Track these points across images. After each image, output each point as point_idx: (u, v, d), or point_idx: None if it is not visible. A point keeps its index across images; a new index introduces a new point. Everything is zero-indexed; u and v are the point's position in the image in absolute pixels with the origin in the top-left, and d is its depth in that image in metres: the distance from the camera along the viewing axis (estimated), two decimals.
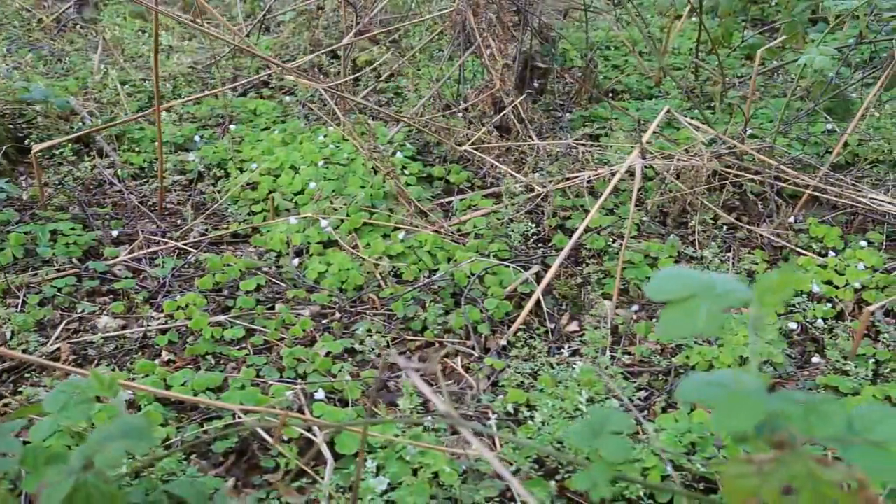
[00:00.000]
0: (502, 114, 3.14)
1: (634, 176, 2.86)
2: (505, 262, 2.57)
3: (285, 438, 1.87)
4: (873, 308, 2.23)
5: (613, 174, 2.83)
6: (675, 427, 1.87)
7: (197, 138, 3.43)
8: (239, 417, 1.84)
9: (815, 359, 2.26)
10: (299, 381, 2.09)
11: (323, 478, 1.70)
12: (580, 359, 2.18)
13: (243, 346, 2.24)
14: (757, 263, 2.70)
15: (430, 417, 1.88)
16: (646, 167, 2.94)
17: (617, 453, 1.06)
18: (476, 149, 3.07)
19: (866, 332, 2.39)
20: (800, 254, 2.71)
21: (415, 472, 1.74)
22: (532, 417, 1.91)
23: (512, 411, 1.97)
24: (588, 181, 2.93)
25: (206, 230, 2.83)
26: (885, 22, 3.37)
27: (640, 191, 2.99)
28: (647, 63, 4.36)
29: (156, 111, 2.76)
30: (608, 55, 4.60)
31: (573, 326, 2.43)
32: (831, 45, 3.72)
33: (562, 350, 2.23)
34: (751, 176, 2.89)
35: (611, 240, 2.73)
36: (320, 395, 1.99)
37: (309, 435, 1.81)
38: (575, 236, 2.56)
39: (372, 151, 2.74)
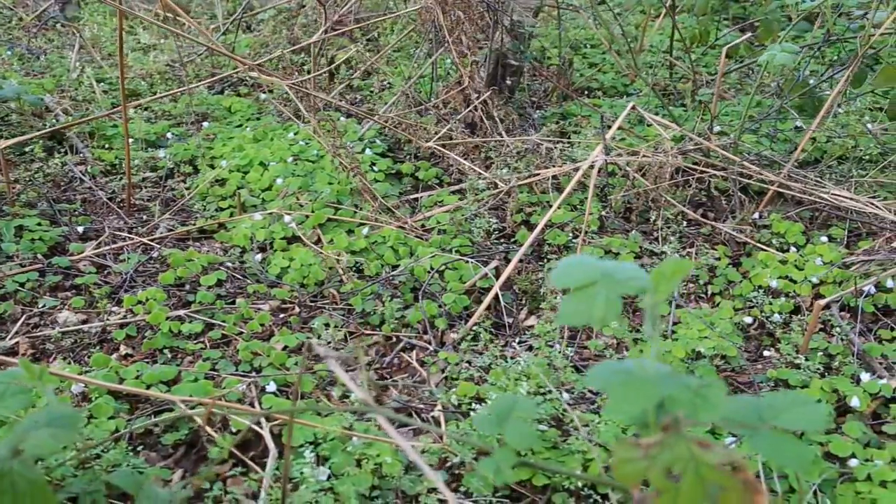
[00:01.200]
0: (467, 110, 3.16)
1: (599, 172, 2.88)
2: (466, 258, 2.59)
3: (233, 430, 1.89)
4: (824, 302, 2.24)
5: (577, 170, 2.85)
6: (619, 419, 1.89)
7: (169, 135, 3.45)
8: (186, 409, 1.86)
9: (767, 352, 2.28)
10: (254, 374, 2.11)
11: (265, 468, 1.71)
12: (533, 352, 2.20)
13: (201, 340, 2.26)
14: (718, 259, 2.72)
15: (353, 407, 1.89)
16: (612, 164, 2.96)
17: (521, 439, 1.08)
18: (443, 145, 3.08)
19: (822, 326, 2.41)
20: (761, 249, 2.72)
21: (359, 463, 1.76)
22: (476, 410, 1.93)
23: (457, 404, 1.99)
24: (554, 178, 2.95)
25: (174, 226, 2.85)
26: (853, 20, 3.39)
27: (606, 187, 3.01)
28: (624, 61, 4.37)
29: (123, 109, 2.78)
30: (587, 53, 4.62)
31: (531, 321, 2.45)
32: (802, 43, 3.74)
33: (514, 344, 2.25)
34: (714, 172, 2.90)
35: (573, 235, 2.75)
36: (272, 387, 2.00)
37: (255, 427, 1.83)
38: (535, 232, 2.58)
39: (336, 148, 2.76)
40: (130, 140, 3.34)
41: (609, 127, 2.89)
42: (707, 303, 2.57)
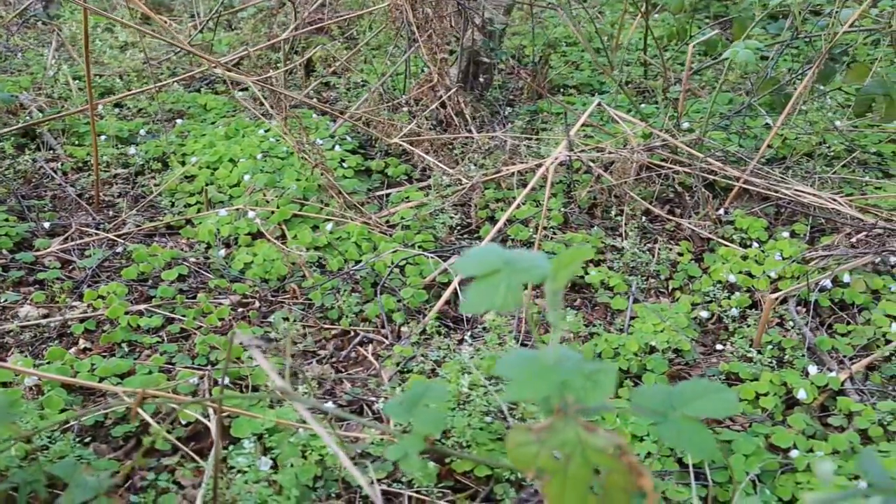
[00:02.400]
0: (433, 106, 3.18)
1: (562, 168, 2.90)
2: (427, 254, 2.61)
3: (182, 422, 1.91)
4: (774, 296, 2.26)
5: (540, 167, 2.87)
6: None
7: (142, 132, 3.47)
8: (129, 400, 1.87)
9: (720, 346, 2.30)
10: (209, 367, 2.13)
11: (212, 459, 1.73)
12: (485, 346, 2.22)
13: (160, 334, 2.28)
14: (682, 254, 2.74)
15: (271, 395, 1.91)
16: (576, 160, 2.98)
17: (430, 425, 1.10)
18: (411, 142, 3.10)
19: (779, 320, 2.43)
20: (723, 245, 2.74)
21: (304, 454, 1.78)
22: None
23: None
24: (520, 174, 2.97)
25: (141, 222, 2.87)
26: (822, 18, 3.40)
27: (572, 184, 3.03)
28: (602, 59, 4.39)
29: (90, 106, 2.79)
30: (566, 51, 4.63)
31: (490, 315, 2.47)
32: (772, 41, 3.76)
33: (467, 338, 2.27)
34: (677, 168, 2.92)
35: (535, 231, 2.77)
36: (226, 380, 2.02)
37: (202, 418, 1.85)
38: (496, 228, 2.60)
39: (300, 145, 2.78)
40: (103, 137, 3.36)
41: (572, 124, 2.90)
42: (667, 298, 2.59)
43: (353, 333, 2.34)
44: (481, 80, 3.66)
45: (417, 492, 1.74)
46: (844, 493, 0.83)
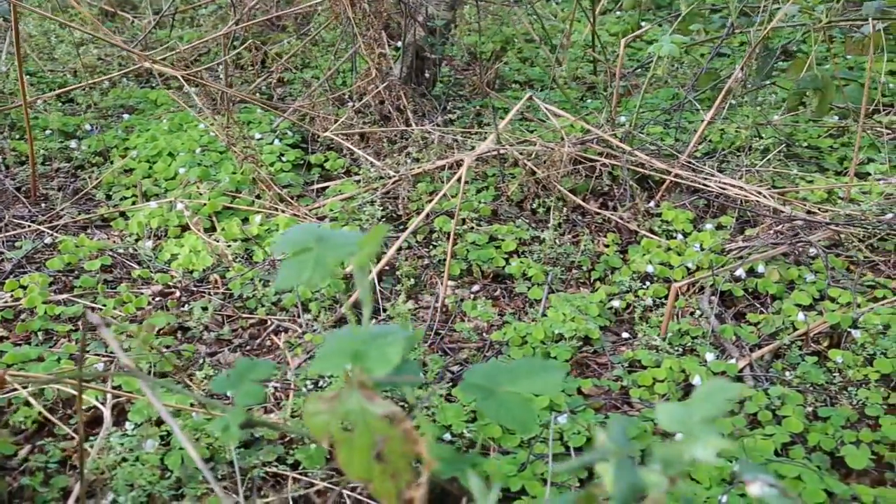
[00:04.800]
0: (366, 99, 3.21)
1: (500, 161, 2.94)
2: None
3: (84, 407, 1.94)
4: (678, 285, 2.30)
5: (475, 160, 2.91)
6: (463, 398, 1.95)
7: (88, 127, 3.50)
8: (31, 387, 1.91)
9: (626, 335, 2.34)
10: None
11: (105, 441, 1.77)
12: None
13: (78, 323, 2.32)
14: (608, 246, 2.77)
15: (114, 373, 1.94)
16: (505, 153, 3.01)
17: (249, 398, 1.13)
18: (347, 136, 3.14)
19: (694, 310, 2.46)
20: (647, 237, 2.78)
21: (197, 438, 1.82)
22: (324, 387, 1.98)
23: (311, 385, 2.05)
24: (450, 167, 3.00)
25: (76, 214, 2.91)
26: (756, 14, 3.44)
27: (504, 177, 3.06)
28: (551, 56, 4.43)
29: (23, 99, 2.83)
30: (522, 48, 4.67)
31: (409, 305, 2.50)
32: (707, 36, 3.79)
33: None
34: (606, 161, 2.96)
35: (462, 222, 2.80)
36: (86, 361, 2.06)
37: (95, 402, 1.88)
38: (418, 219, 2.64)
39: (231, 138, 2.81)
40: (48, 132, 3.40)
41: (503, 118, 2.94)
42: (588, 288, 2.62)
43: (269, 322, 2.38)
44: (427, 75, 3.69)
45: (304, 474, 1.77)
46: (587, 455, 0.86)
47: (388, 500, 1.02)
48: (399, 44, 3.63)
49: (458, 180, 2.74)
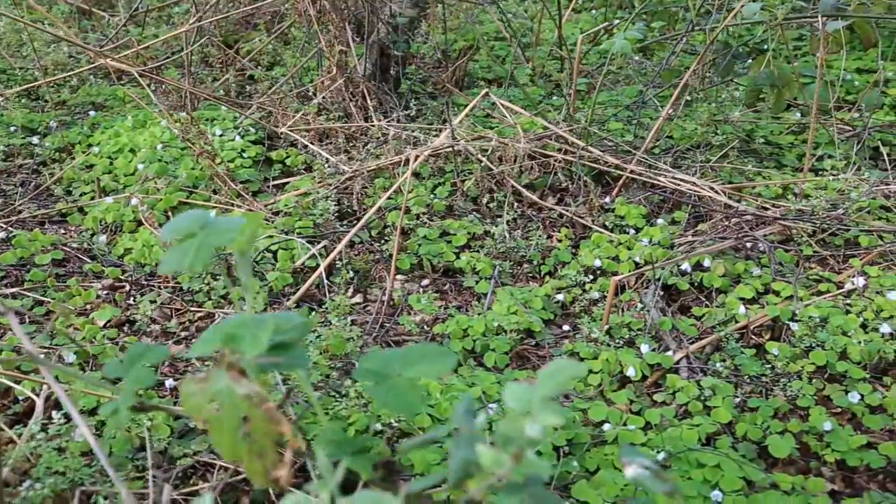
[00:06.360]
0: (322, 97, 3.24)
1: (458, 156, 2.96)
2: (302, 239, 2.66)
3: (21, 397, 1.97)
4: (618, 279, 2.32)
5: (431, 154, 2.94)
6: None
7: (53, 124, 3.52)
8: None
9: (566, 327, 2.36)
10: (62, 346, 2.19)
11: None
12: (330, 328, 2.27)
13: (26, 316, 2.34)
14: (561, 241, 2.80)
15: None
16: (460, 150, 3.03)
17: (140, 380, 1.15)
18: (307, 132, 3.16)
19: (637, 303, 2.48)
20: (598, 232, 2.80)
21: (128, 428, 1.84)
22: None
23: None
24: (406, 163, 3.02)
25: (35, 210, 2.93)
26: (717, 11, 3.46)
27: (460, 172, 3.09)
28: (528, 54, 4.45)
29: None
30: (495, 45, 4.69)
31: (357, 298, 2.53)
32: (673, 33, 3.81)
33: (330, 319, 2.33)
34: (559, 157, 2.98)
35: (416, 217, 2.83)
36: (70, 358, 2.08)
37: (30, 393, 1.91)
38: (368, 214, 2.66)
39: (187, 135, 2.84)
40: (12, 128, 3.43)
41: (457, 115, 2.96)
42: (538, 282, 2.64)
43: (216, 316, 2.40)
44: (392, 73, 3.71)
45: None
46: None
47: (258, 479, 1.04)
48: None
49: (411, 176, 2.77)
